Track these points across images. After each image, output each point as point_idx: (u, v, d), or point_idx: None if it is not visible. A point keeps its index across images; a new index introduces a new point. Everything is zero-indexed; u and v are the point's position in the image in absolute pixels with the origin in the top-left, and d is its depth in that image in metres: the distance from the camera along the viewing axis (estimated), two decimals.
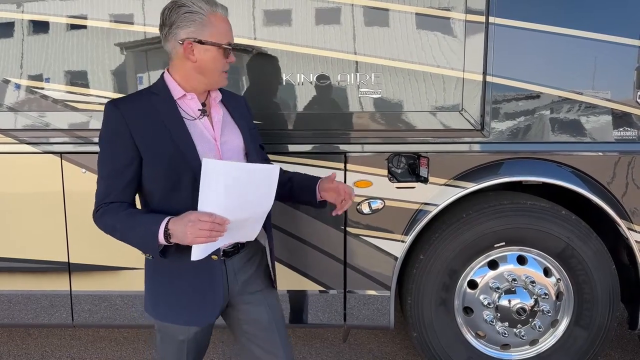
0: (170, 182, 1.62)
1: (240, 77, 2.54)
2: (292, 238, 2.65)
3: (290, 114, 2.56)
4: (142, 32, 2.51)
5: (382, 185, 2.58)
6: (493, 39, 2.49)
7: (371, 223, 2.62)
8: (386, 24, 2.50)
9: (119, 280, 2.68)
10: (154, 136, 1.61)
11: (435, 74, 2.52)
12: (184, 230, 1.50)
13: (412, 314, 2.73)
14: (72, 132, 2.58)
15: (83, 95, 2.56)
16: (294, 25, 2.51)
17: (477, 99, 2.53)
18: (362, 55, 2.51)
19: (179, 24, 1.61)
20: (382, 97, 2.53)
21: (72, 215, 2.61)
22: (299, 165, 2.58)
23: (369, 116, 2.55)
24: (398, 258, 2.64)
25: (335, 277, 2.67)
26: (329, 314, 2.72)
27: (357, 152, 2.57)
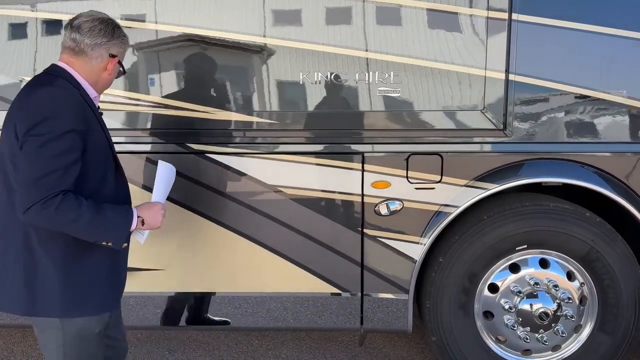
0: (102, 171, 1.79)
1: (256, 76, 2.50)
2: (308, 239, 2.60)
3: (307, 114, 2.52)
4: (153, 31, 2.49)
5: (400, 186, 2.52)
6: (516, 37, 2.42)
7: (389, 225, 2.56)
8: (406, 21, 2.44)
9: (132, 281, 2.65)
10: (92, 127, 1.76)
11: (456, 72, 2.46)
12: (157, 217, 1.90)
13: (430, 318, 2.67)
14: None
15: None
16: (310, 23, 2.46)
17: (499, 98, 2.46)
18: (381, 53, 2.45)
19: (116, 41, 1.84)
20: (401, 96, 2.47)
21: None
22: (316, 165, 2.53)
23: (387, 115, 2.50)
24: (417, 261, 2.58)
25: (352, 280, 2.62)
26: (346, 317, 2.67)
27: (375, 152, 2.52)
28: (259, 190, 2.58)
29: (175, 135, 2.57)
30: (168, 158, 2.52)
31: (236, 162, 2.56)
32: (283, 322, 2.70)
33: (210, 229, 2.61)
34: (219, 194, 2.59)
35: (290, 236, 2.60)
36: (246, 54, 2.50)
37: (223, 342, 3.34)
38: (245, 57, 2.50)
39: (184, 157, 2.58)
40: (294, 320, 2.69)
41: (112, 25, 1.84)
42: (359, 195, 2.54)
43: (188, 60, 2.55)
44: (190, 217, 2.60)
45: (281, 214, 2.59)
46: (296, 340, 3.35)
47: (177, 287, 2.70)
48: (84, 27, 1.77)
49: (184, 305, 2.74)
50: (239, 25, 2.47)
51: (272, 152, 2.55)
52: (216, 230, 2.61)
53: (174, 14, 2.47)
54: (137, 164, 2.57)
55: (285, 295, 2.67)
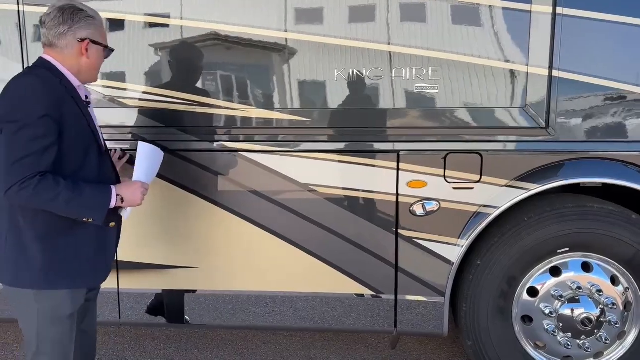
0: (81, 157, 1.85)
1: (289, 73, 2.46)
2: (342, 239, 2.55)
3: (341, 111, 2.46)
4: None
5: (437, 186, 2.45)
6: (560, 31, 2.32)
7: (425, 225, 2.49)
8: (444, 15, 2.36)
9: (164, 278, 2.65)
10: (74, 116, 1.82)
11: (497, 68, 2.37)
12: (137, 195, 1.95)
13: (467, 322, 2.59)
14: (123, 128, 2.55)
15: (132, 92, 2.53)
16: (346, 19, 2.40)
17: (542, 95, 2.36)
18: (419, 48, 2.38)
19: (80, 25, 1.85)
20: (440, 92, 2.39)
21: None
22: (349, 164, 2.48)
23: (424, 113, 2.43)
24: (453, 263, 2.51)
25: (386, 282, 2.56)
26: (379, 319, 2.61)
27: (411, 150, 2.45)
28: (290, 188, 2.54)
29: (206, 133, 2.54)
30: (201, 155, 2.54)
31: (268, 160, 2.52)
32: (312, 323, 2.66)
33: (241, 227, 2.58)
34: (250, 191, 2.55)
35: (323, 236, 2.55)
36: (279, 51, 2.45)
37: (251, 341, 3.32)
38: (278, 54, 2.45)
39: (216, 154, 2.55)
40: (322, 321, 2.65)
41: (71, 11, 1.85)
42: (393, 195, 2.48)
43: (220, 57, 2.52)
44: (222, 214, 2.57)
45: (313, 213, 2.55)
46: (325, 340, 3.30)
47: (208, 286, 2.68)
48: (46, 21, 1.85)
49: (212, 304, 2.72)
50: (272, 22, 2.43)
51: (305, 150, 2.50)
52: (247, 228, 2.58)
53: (207, 12, 2.44)
54: (170, 162, 2.54)
55: (316, 295, 2.63)
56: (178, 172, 2.56)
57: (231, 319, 2.70)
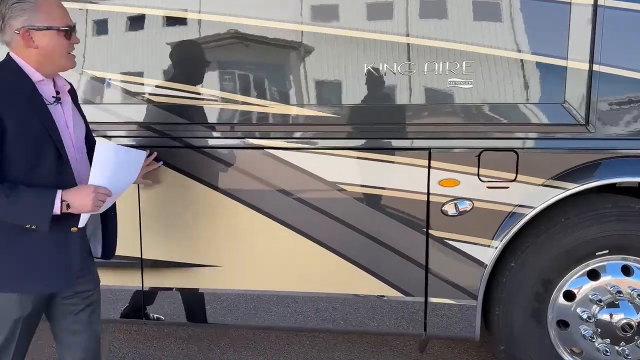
0: (33, 160, 1.72)
1: (317, 68, 2.39)
2: (370, 240, 2.47)
3: (371, 107, 2.39)
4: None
5: (471, 185, 2.36)
6: (602, 24, 2.21)
7: (457, 226, 2.40)
8: (479, 7, 2.27)
9: (190, 277, 2.60)
10: (21, 115, 1.69)
11: (535, 62, 2.27)
12: (86, 200, 1.74)
13: (499, 326, 2.50)
14: (147, 125, 2.51)
15: (159, 88, 2.48)
16: (376, 11, 2.32)
17: (582, 90, 2.26)
18: (452, 41, 2.29)
19: (10, 14, 1.70)
20: (474, 87, 2.30)
21: (146, 210, 2.55)
22: (378, 162, 2.40)
23: (457, 108, 2.34)
24: (486, 265, 2.42)
25: (415, 284, 2.48)
26: (408, 322, 2.53)
27: (443, 147, 2.36)
28: (317, 186, 2.47)
29: (232, 130, 2.48)
30: (226, 153, 2.49)
31: (294, 157, 2.46)
32: (335, 324, 2.59)
33: (266, 226, 2.52)
34: (276, 190, 2.49)
35: (350, 235, 2.48)
36: (306, 45, 2.38)
37: (274, 341, 3.26)
38: (306, 48, 2.38)
39: (241, 152, 2.49)
40: (345, 322, 2.58)
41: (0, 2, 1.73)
42: (424, 194, 2.39)
43: (245, 53, 2.45)
44: (246, 212, 2.52)
45: (341, 212, 2.48)
46: (348, 342, 3.23)
47: (231, 285, 2.63)
48: None
49: (233, 303, 2.66)
50: (298, 15, 2.36)
51: (333, 147, 2.43)
52: (273, 227, 2.52)
53: (231, 5, 2.39)
54: (195, 159, 2.50)
55: (342, 297, 2.56)
56: (203, 169, 2.51)
57: (252, 319, 2.65)
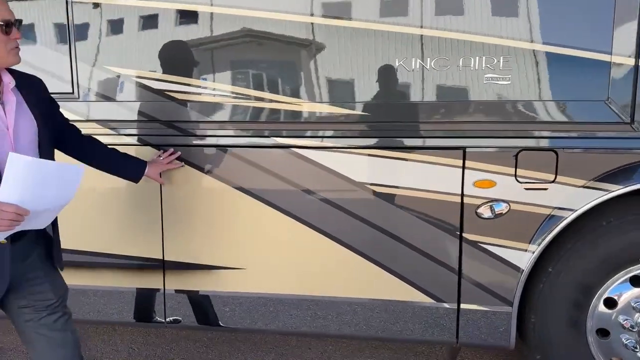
0: None
1: (346, 63, 2.29)
2: (400, 243, 2.37)
3: (403, 104, 2.29)
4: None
5: (507, 186, 2.25)
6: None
7: (493, 229, 2.29)
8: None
9: (213, 280, 2.52)
10: None
11: (576, 58, 2.15)
12: None
13: (535, 334, 2.38)
14: (172, 123, 2.44)
15: (183, 85, 2.41)
16: (408, 3, 2.22)
17: (627, 86, 2.14)
18: (489, 36, 2.18)
19: None
20: (511, 84, 2.19)
21: (168, 210, 2.48)
22: (410, 161, 2.30)
23: (494, 106, 2.23)
24: (523, 270, 2.30)
25: (448, 289, 2.38)
26: (440, 329, 2.42)
27: (479, 147, 2.26)
28: (344, 187, 2.38)
29: (258, 129, 2.40)
30: (250, 152, 2.40)
31: (321, 157, 2.37)
32: (361, 330, 2.50)
33: (291, 227, 2.43)
34: (302, 190, 2.41)
35: (379, 238, 2.38)
36: (335, 39, 2.28)
37: (295, 345, 3.18)
38: (334, 42, 2.29)
39: (266, 151, 2.41)
40: (371, 329, 2.48)
41: None
42: (458, 196, 2.29)
43: (271, 49, 2.37)
44: (272, 214, 2.44)
45: (369, 214, 2.38)
46: (372, 348, 3.14)
47: (255, 288, 2.54)
48: None
49: (254, 306, 2.58)
50: (328, 8, 2.27)
51: (361, 146, 2.34)
52: (298, 228, 2.43)
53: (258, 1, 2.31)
54: (219, 158, 2.43)
55: (369, 302, 2.46)
56: (226, 169, 2.43)
57: (272, 322, 2.57)
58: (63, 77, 2.48)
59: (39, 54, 2.48)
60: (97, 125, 2.46)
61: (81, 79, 2.47)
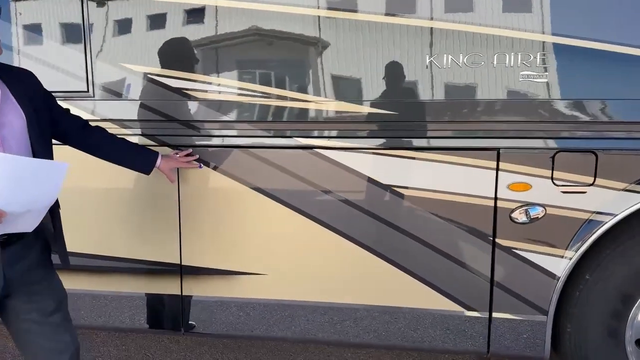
0: None
1: (373, 59, 2.19)
2: (429, 248, 2.27)
3: (432, 103, 2.18)
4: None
5: (543, 189, 2.14)
6: None
7: (527, 234, 2.18)
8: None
9: (233, 285, 2.43)
10: None
11: (617, 54, 2.04)
12: None
13: (571, 344, 2.27)
14: (190, 124, 2.34)
15: (202, 84, 2.32)
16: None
17: None
18: (525, 31, 2.07)
19: None
20: (549, 82, 2.08)
21: (186, 213, 2.39)
22: (440, 163, 2.19)
23: (530, 105, 2.12)
24: (559, 277, 2.19)
25: (479, 297, 2.27)
26: (470, 339, 2.32)
27: (514, 148, 2.15)
28: (371, 190, 2.28)
29: (281, 128, 2.30)
30: (273, 153, 2.31)
31: (346, 158, 2.27)
32: (387, 339, 2.40)
33: (314, 232, 2.34)
34: (326, 193, 2.31)
35: (406, 244, 2.28)
36: (361, 34, 2.18)
37: (313, 352, 3.08)
38: (360, 37, 2.18)
39: (289, 152, 2.31)
40: (398, 338, 2.38)
41: None
42: (491, 199, 2.18)
43: (293, 44, 2.27)
44: (293, 217, 2.34)
45: (396, 218, 2.28)
46: (395, 356, 3.04)
47: (277, 295, 2.45)
48: None
49: (273, 313, 2.49)
50: (354, 3, 2.17)
51: (388, 147, 2.23)
52: (321, 232, 2.34)
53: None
54: (239, 159, 2.33)
55: (396, 310, 2.36)
56: (247, 171, 2.34)
57: (288, 329, 2.47)
58: (77, 75, 2.39)
59: (52, 51, 2.39)
60: (113, 124, 2.36)
61: (96, 77, 2.38)
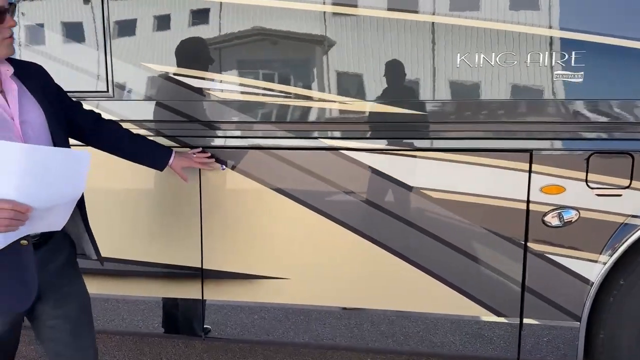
0: None
1: (404, 58, 2.13)
2: (458, 252, 2.22)
3: (463, 103, 2.13)
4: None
5: (577, 192, 2.08)
6: None
7: (560, 238, 2.13)
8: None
9: (255, 290, 2.38)
10: None
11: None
12: None
13: (604, 351, 2.21)
14: (211, 124, 2.29)
15: (225, 84, 2.26)
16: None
17: None
18: (559, 29, 2.02)
19: None
20: (584, 82, 2.02)
21: (208, 217, 2.33)
22: (470, 165, 2.14)
23: (564, 106, 2.06)
24: (593, 282, 2.14)
25: (509, 303, 2.21)
26: (500, 346, 2.26)
27: (547, 149, 2.09)
28: (397, 192, 2.22)
29: (307, 130, 2.25)
30: (296, 154, 2.25)
31: (372, 160, 2.22)
32: (412, 345, 2.34)
33: (339, 234, 2.28)
34: (350, 195, 2.26)
35: (434, 247, 2.23)
36: (391, 34, 2.13)
37: (331, 357, 3.03)
38: (390, 37, 2.13)
39: (314, 153, 2.26)
40: (424, 345, 2.33)
41: None
42: (523, 202, 2.13)
43: (320, 43, 2.21)
44: (317, 220, 2.29)
45: (423, 221, 2.23)
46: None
47: (299, 299, 2.39)
48: None
49: (295, 317, 2.44)
50: (384, 1, 2.11)
51: (417, 148, 2.18)
52: (346, 235, 2.28)
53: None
54: (263, 161, 2.28)
55: (422, 316, 2.31)
56: (271, 172, 2.28)
57: (304, 334, 2.42)
58: (97, 75, 2.34)
59: (72, 51, 2.34)
60: (134, 125, 2.31)
61: (117, 77, 2.33)
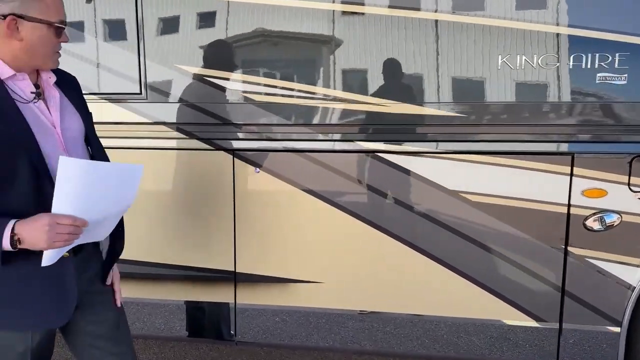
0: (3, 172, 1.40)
1: (443, 60, 2.10)
2: (496, 256, 2.19)
3: (504, 105, 2.10)
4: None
5: (619, 196, 2.06)
6: None
7: (601, 242, 2.10)
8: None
9: (289, 294, 2.35)
10: None
11: None
12: (39, 235, 1.36)
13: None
14: (245, 127, 2.27)
15: (260, 86, 2.24)
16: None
17: None
18: (602, 31, 1.99)
19: None
20: (627, 84, 2.00)
21: (241, 220, 2.31)
22: (510, 168, 2.11)
23: (607, 108, 2.03)
24: (634, 287, 2.11)
25: (548, 307, 2.19)
26: (539, 351, 2.23)
27: (589, 152, 2.06)
28: (435, 195, 2.20)
29: (343, 132, 2.22)
30: (330, 156, 2.23)
31: (410, 163, 2.19)
32: (452, 352, 2.32)
33: (374, 238, 2.26)
34: (387, 198, 2.23)
35: (473, 251, 2.20)
36: (430, 35, 2.10)
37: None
38: (428, 38, 2.10)
39: (350, 156, 2.24)
40: (463, 350, 2.30)
41: None
42: (564, 206, 2.10)
43: (355, 43, 2.18)
44: (354, 224, 2.26)
45: (461, 225, 2.20)
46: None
47: (334, 304, 2.37)
48: None
49: (331, 322, 2.41)
50: (429, 3, 2.09)
51: (456, 151, 2.15)
52: (382, 239, 2.26)
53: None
54: (297, 163, 2.25)
55: (460, 321, 2.28)
56: (306, 176, 2.26)
57: (331, 337, 2.40)
58: (130, 77, 2.31)
59: (104, 51, 2.32)
60: (166, 127, 2.29)
61: (149, 78, 2.31)
